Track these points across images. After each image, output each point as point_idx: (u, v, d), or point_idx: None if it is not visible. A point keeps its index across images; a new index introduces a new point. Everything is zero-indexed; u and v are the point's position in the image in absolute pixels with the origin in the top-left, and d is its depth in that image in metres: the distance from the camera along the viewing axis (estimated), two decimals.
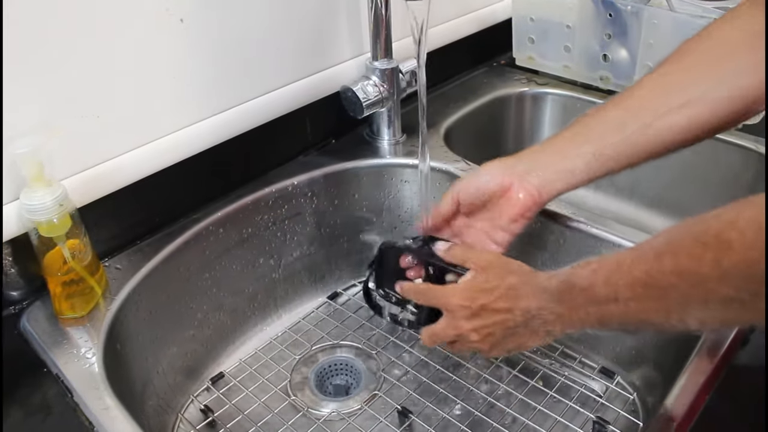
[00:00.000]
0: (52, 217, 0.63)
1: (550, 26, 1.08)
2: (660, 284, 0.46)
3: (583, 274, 0.53)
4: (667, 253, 0.46)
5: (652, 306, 0.48)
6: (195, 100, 0.78)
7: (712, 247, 0.42)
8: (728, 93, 0.60)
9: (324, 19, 0.88)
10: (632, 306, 0.49)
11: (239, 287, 0.85)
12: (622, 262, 0.50)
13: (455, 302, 0.62)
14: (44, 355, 0.64)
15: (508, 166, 0.68)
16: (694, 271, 0.43)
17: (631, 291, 0.48)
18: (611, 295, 0.50)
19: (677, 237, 0.46)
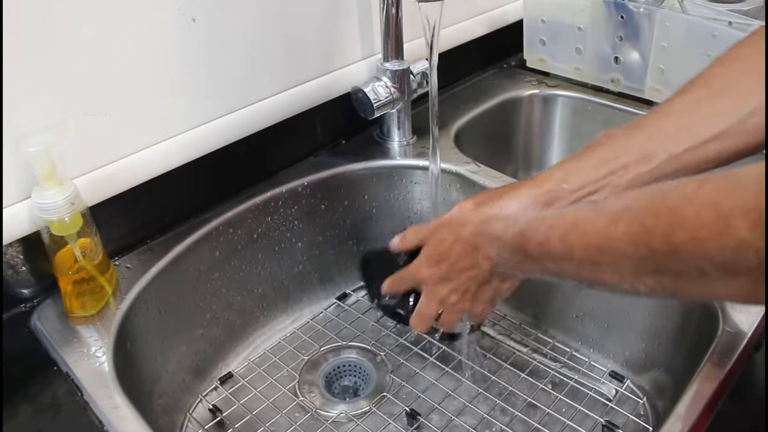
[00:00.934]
0: (63, 215, 0.63)
1: (561, 28, 1.07)
2: (613, 250, 0.45)
3: (540, 228, 0.52)
4: (623, 220, 0.45)
5: (606, 269, 0.47)
6: (206, 100, 0.78)
7: (665, 221, 0.41)
8: (757, 125, 0.57)
9: (335, 20, 0.88)
10: (586, 267, 0.49)
11: (248, 287, 0.85)
12: (579, 222, 0.49)
13: (424, 273, 0.63)
14: (54, 353, 0.64)
15: (537, 202, 0.63)
16: (645, 242, 0.43)
17: (585, 252, 0.48)
18: (567, 253, 0.49)
19: (635, 203, 0.45)
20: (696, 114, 0.60)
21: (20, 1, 0.60)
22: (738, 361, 0.59)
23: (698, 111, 0.60)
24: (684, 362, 0.70)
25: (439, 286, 0.63)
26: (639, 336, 0.78)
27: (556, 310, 0.85)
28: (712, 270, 0.39)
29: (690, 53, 0.92)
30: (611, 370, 0.81)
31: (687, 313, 0.71)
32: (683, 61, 0.94)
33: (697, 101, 0.60)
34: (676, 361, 0.73)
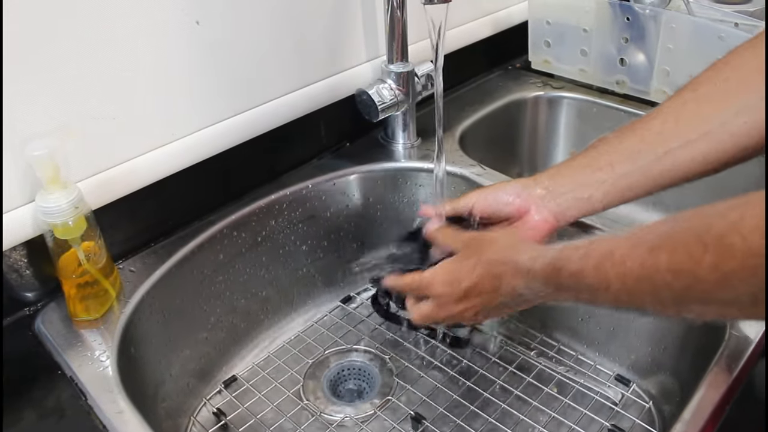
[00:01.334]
0: (67, 219, 0.63)
1: (566, 30, 1.07)
2: (654, 280, 0.44)
3: (572, 257, 0.51)
4: (663, 248, 0.44)
5: (646, 299, 0.46)
6: (210, 103, 0.78)
7: (712, 250, 0.40)
8: (746, 126, 0.58)
9: (340, 22, 0.88)
10: (624, 297, 0.47)
11: (253, 290, 0.85)
12: (614, 251, 0.48)
13: (439, 290, 0.62)
14: (58, 357, 0.64)
15: (528, 188, 0.68)
16: (690, 272, 0.41)
17: (622, 283, 0.47)
18: (602, 283, 0.48)
19: (675, 232, 0.44)
20: (682, 115, 0.62)
21: (22, 2, 0.59)
22: (745, 367, 0.58)
23: (684, 113, 0.61)
24: (691, 367, 0.70)
25: (453, 305, 0.62)
26: (645, 340, 0.78)
27: (562, 313, 0.84)
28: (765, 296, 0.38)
29: (696, 55, 0.92)
30: (617, 373, 0.80)
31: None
32: (689, 62, 0.93)
33: (683, 104, 0.62)
34: (682, 366, 0.73)
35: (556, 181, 0.67)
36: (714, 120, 0.59)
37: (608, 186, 0.64)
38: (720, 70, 0.61)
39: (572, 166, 0.67)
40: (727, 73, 0.61)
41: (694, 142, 0.60)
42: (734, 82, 0.59)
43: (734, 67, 0.60)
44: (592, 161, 0.66)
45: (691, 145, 0.60)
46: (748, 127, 0.58)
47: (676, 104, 0.63)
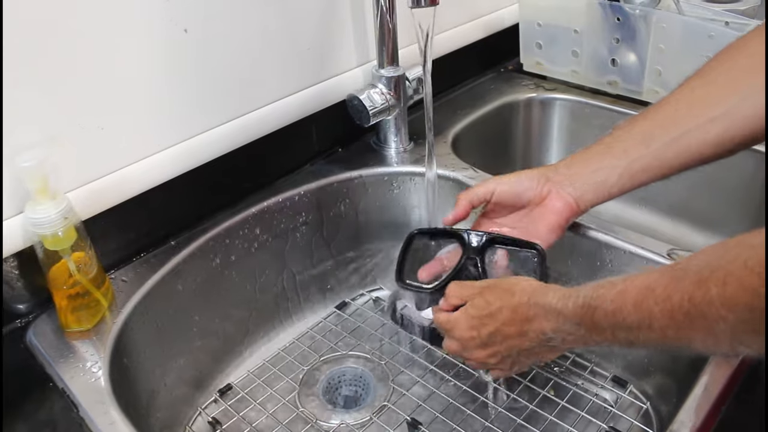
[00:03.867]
0: (57, 230, 0.62)
1: (557, 31, 1.07)
2: (706, 315, 0.42)
3: (607, 296, 0.49)
4: (711, 280, 0.41)
5: (697, 335, 0.44)
6: (201, 110, 0.78)
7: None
8: (756, 108, 0.58)
9: (329, 28, 0.88)
10: (671, 333, 0.45)
11: (247, 297, 0.85)
12: (655, 285, 0.46)
13: (461, 334, 0.61)
14: (50, 369, 0.63)
15: (546, 174, 0.68)
16: (748, 305, 0.39)
17: (670, 319, 0.44)
18: (644, 321, 0.46)
19: (722, 263, 0.42)
20: (693, 100, 0.62)
21: (10, 16, 0.59)
22: (742, 365, 0.58)
23: (695, 98, 0.62)
24: (687, 366, 0.69)
25: (477, 350, 0.61)
26: None
27: None
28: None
29: (687, 54, 0.92)
30: (614, 375, 0.80)
31: None
32: (681, 62, 0.93)
33: (692, 90, 0.63)
34: (679, 366, 0.73)
35: (572, 167, 0.68)
36: (725, 103, 0.59)
37: (622, 170, 0.65)
38: (725, 59, 0.62)
39: (588, 153, 0.68)
40: (732, 61, 0.61)
41: (707, 125, 0.60)
42: (741, 68, 0.60)
43: (740, 54, 0.61)
44: (607, 148, 0.67)
45: (703, 127, 0.60)
46: (757, 111, 0.58)
47: (686, 91, 0.64)
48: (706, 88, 0.62)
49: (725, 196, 0.95)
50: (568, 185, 0.68)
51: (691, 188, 0.97)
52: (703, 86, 0.62)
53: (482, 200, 0.71)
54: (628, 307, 0.47)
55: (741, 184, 0.92)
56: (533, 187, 0.68)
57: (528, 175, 0.69)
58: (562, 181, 0.68)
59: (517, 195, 0.69)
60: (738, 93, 0.59)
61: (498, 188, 0.70)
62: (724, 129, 0.60)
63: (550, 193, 0.68)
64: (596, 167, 0.67)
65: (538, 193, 0.68)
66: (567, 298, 0.53)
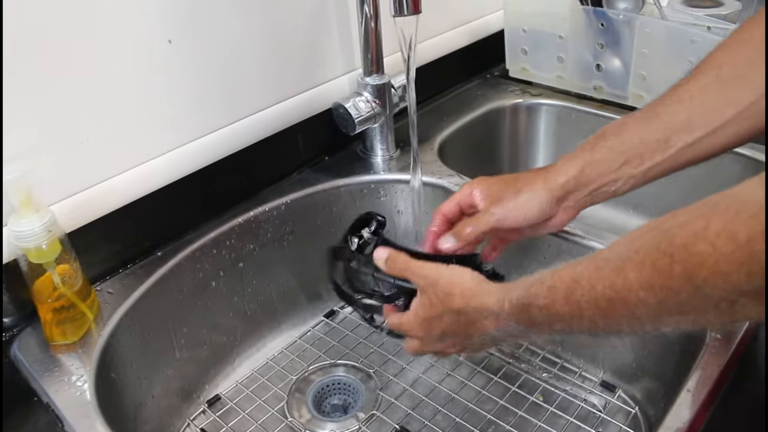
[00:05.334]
0: (41, 243, 0.62)
1: (542, 37, 1.07)
2: (627, 299, 0.43)
3: (539, 293, 0.50)
4: (629, 266, 0.43)
5: (623, 320, 0.45)
6: (185, 121, 0.77)
7: (680, 260, 0.39)
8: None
9: (314, 36, 0.88)
10: (599, 321, 0.46)
11: (235, 308, 0.84)
12: (580, 277, 0.47)
13: (417, 333, 0.63)
14: (35, 383, 0.63)
15: (555, 196, 0.64)
16: (664, 286, 0.41)
17: (596, 308, 0.46)
18: (575, 312, 0.48)
19: (636, 248, 0.43)
20: (708, 100, 0.59)
21: None
22: (727, 367, 0.58)
23: (710, 97, 0.59)
24: (674, 370, 0.70)
25: (433, 344, 0.63)
26: (628, 345, 0.77)
27: None
28: (742, 299, 0.37)
29: (671, 59, 0.92)
30: (602, 380, 0.80)
31: None
32: (664, 66, 0.94)
33: (707, 87, 0.60)
34: (666, 369, 0.73)
35: (584, 180, 0.64)
36: (740, 102, 0.58)
37: (636, 180, 0.62)
38: (736, 51, 0.60)
39: (600, 161, 0.63)
40: (743, 54, 0.59)
41: (721, 128, 0.59)
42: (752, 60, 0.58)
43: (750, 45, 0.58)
44: (621, 153, 0.62)
45: (718, 131, 0.59)
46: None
47: (700, 87, 0.60)
48: (722, 85, 0.59)
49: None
50: (573, 200, 0.65)
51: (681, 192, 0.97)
52: (719, 83, 0.59)
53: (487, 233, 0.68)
54: (559, 301, 0.49)
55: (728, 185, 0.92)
56: (541, 215, 0.65)
57: (535, 201, 0.64)
58: (575, 194, 0.64)
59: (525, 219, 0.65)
60: (752, 92, 0.57)
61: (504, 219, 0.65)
62: (737, 129, 0.59)
63: (556, 214, 0.66)
64: (612, 178, 0.63)
65: (544, 214, 0.65)
66: (502, 300, 0.54)
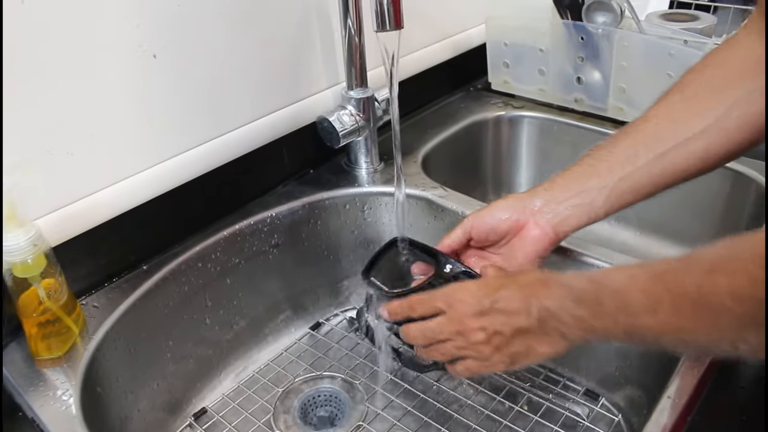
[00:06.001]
0: (26, 257, 0.62)
1: (524, 50, 1.09)
2: (712, 304, 0.41)
3: (617, 277, 0.48)
4: (720, 270, 0.41)
5: (701, 327, 0.43)
6: (171, 135, 0.78)
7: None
8: (739, 121, 0.58)
9: (298, 51, 0.89)
10: (674, 321, 0.44)
11: (220, 320, 0.85)
12: (665, 272, 0.45)
13: (460, 296, 0.57)
14: (19, 398, 0.63)
15: (523, 202, 0.66)
16: (752, 297, 0.39)
17: (675, 306, 0.44)
18: (650, 305, 0.45)
19: (732, 254, 0.42)
20: (674, 115, 0.62)
21: None
22: (705, 377, 0.59)
23: (676, 113, 0.62)
24: (656, 377, 0.71)
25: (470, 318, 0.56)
26: (612, 354, 0.78)
27: None
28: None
29: (649, 72, 0.94)
30: (586, 388, 0.81)
31: None
32: (643, 79, 0.96)
33: (672, 105, 0.62)
34: (648, 377, 0.74)
35: (553, 190, 0.66)
36: (707, 117, 0.59)
37: (609, 190, 0.63)
38: (700, 72, 0.62)
39: (569, 176, 0.66)
40: (709, 74, 0.61)
41: (690, 141, 0.60)
42: (719, 80, 0.60)
43: (715, 67, 0.61)
44: (590, 168, 0.65)
45: (687, 143, 0.60)
46: (741, 122, 0.58)
47: (666, 106, 0.63)
48: (687, 102, 0.61)
49: (697, 212, 0.96)
50: (547, 211, 0.65)
51: (663, 205, 0.99)
52: (684, 101, 0.62)
53: (463, 242, 0.69)
54: (636, 289, 0.46)
55: (712, 199, 0.94)
56: (509, 218, 0.66)
57: (503, 205, 0.67)
58: (542, 208, 0.65)
59: (493, 229, 0.67)
60: (719, 106, 0.59)
61: (474, 224, 0.68)
62: (707, 143, 0.60)
63: (527, 223, 0.66)
64: (580, 189, 0.64)
65: (514, 223, 0.66)
66: (575, 276, 0.52)
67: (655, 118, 0.63)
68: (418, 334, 0.60)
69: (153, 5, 0.71)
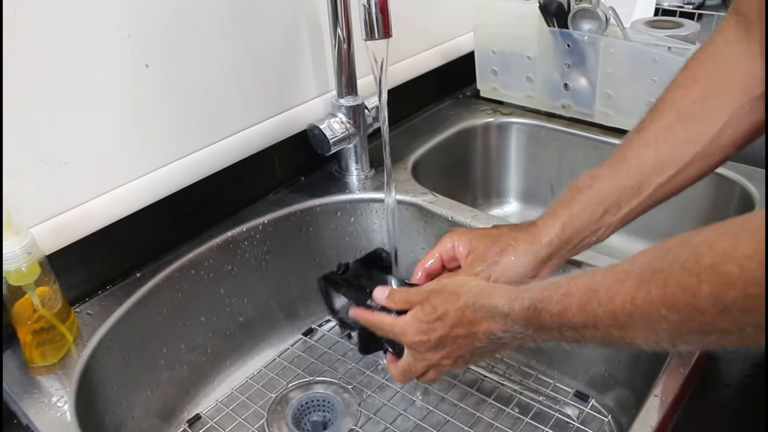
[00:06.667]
0: (20, 265, 0.62)
1: (511, 58, 1.10)
2: (648, 315, 0.43)
3: (553, 298, 0.49)
4: (652, 281, 0.42)
5: (639, 334, 0.44)
6: (163, 144, 0.79)
7: (708, 281, 0.38)
8: (732, 137, 0.60)
9: (289, 60, 0.90)
10: (615, 333, 0.46)
11: (213, 327, 0.85)
12: (599, 287, 0.46)
13: (412, 338, 0.60)
14: (14, 405, 0.63)
15: (540, 260, 0.65)
16: (688, 305, 0.40)
17: (613, 319, 0.45)
18: (589, 321, 0.47)
19: (662, 264, 0.42)
20: (672, 140, 0.62)
21: None
22: (690, 376, 0.60)
23: (674, 136, 0.62)
24: (643, 377, 0.72)
25: (429, 353, 0.60)
26: (600, 355, 0.80)
27: None
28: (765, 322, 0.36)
29: (634, 78, 0.96)
30: (576, 390, 0.82)
31: None
32: (628, 85, 0.97)
33: (670, 127, 0.62)
34: (636, 378, 0.75)
35: (566, 239, 0.65)
36: (704, 137, 0.60)
37: (616, 225, 0.64)
38: (692, 89, 0.62)
39: (579, 217, 0.64)
40: (701, 91, 0.62)
41: (688, 166, 0.61)
42: (712, 98, 0.61)
43: (706, 83, 0.61)
44: (598, 204, 0.64)
45: (686, 168, 0.61)
46: (734, 138, 0.60)
47: (665, 129, 0.63)
48: (684, 123, 0.62)
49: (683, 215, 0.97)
50: (563, 256, 0.66)
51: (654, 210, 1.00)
52: (680, 121, 0.62)
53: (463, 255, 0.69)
54: (573, 308, 0.48)
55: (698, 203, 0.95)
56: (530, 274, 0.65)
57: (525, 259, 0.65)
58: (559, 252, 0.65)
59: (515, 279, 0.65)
60: (714, 125, 0.60)
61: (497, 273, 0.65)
62: (703, 164, 0.61)
63: (541, 272, 0.66)
64: (590, 230, 0.64)
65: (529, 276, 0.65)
66: (513, 300, 0.53)
67: (655, 143, 0.63)
68: (401, 377, 0.65)
69: (144, 15, 0.72)
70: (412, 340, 0.60)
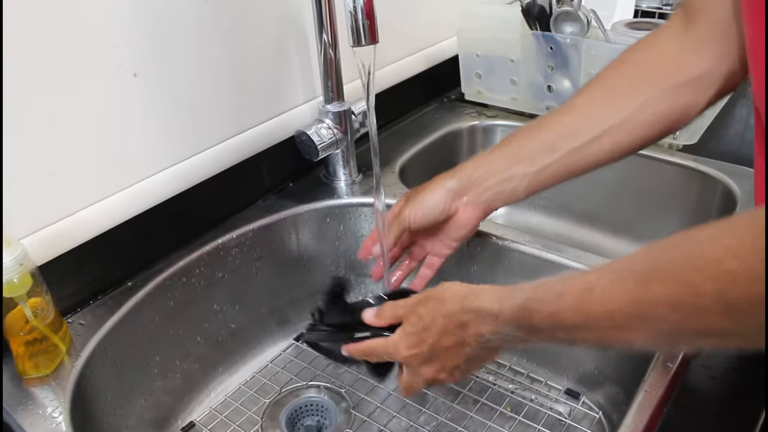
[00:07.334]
0: (12, 276, 0.62)
1: (495, 61, 1.11)
2: (648, 315, 0.41)
3: (546, 299, 0.49)
4: (654, 280, 0.41)
5: (638, 335, 0.43)
6: (151, 153, 0.79)
7: (711, 278, 0.37)
8: (650, 118, 0.63)
9: (276, 66, 0.91)
10: (611, 333, 0.45)
11: (206, 334, 0.85)
12: (594, 287, 0.45)
13: (404, 354, 0.60)
14: (8, 418, 0.63)
15: (451, 191, 0.71)
16: (692, 303, 0.39)
17: (610, 320, 0.44)
18: (583, 323, 0.46)
19: (664, 260, 0.41)
20: (591, 111, 0.67)
21: None
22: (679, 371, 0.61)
23: (593, 108, 0.67)
24: (633, 374, 0.73)
25: (424, 367, 0.60)
26: (591, 352, 0.81)
27: None
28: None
29: None
30: (567, 387, 0.83)
31: None
32: None
33: (592, 99, 0.67)
34: (625, 374, 0.76)
35: (478, 176, 0.70)
36: (621, 113, 0.64)
37: (530, 178, 0.68)
38: (619, 68, 0.67)
39: (495, 160, 0.71)
40: (627, 70, 0.66)
41: (603, 135, 0.65)
42: (636, 77, 0.65)
43: (634, 64, 0.66)
44: (513, 155, 0.69)
45: (600, 138, 0.65)
46: (652, 120, 0.63)
47: (585, 100, 0.68)
48: (607, 96, 0.66)
49: (667, 213, 0.99)
50: (474, 197, 0.71)
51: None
52: (604, 95, 0.67)
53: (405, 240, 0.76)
54: (566, 309, 0.47)
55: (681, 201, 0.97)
56: (441, 208, 0.71)
57: (431, 195, 0.71)
58: (469, 192, 0.71)
59: (428, 216, 0.72)
60: (634, 101, 0.64)
61: (410, 220, 0.72)
62: (619, 138, 0.65)
63: (458, 209, 0.71)
64: (506, 176, 0.69)
65: (446, 211, 0.71)
66: (503, 300, 0.53)
67: (575, 111, 0.68)
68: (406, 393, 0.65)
69: (132, 25, 0.73)
70: (404, 355, 0.60)
